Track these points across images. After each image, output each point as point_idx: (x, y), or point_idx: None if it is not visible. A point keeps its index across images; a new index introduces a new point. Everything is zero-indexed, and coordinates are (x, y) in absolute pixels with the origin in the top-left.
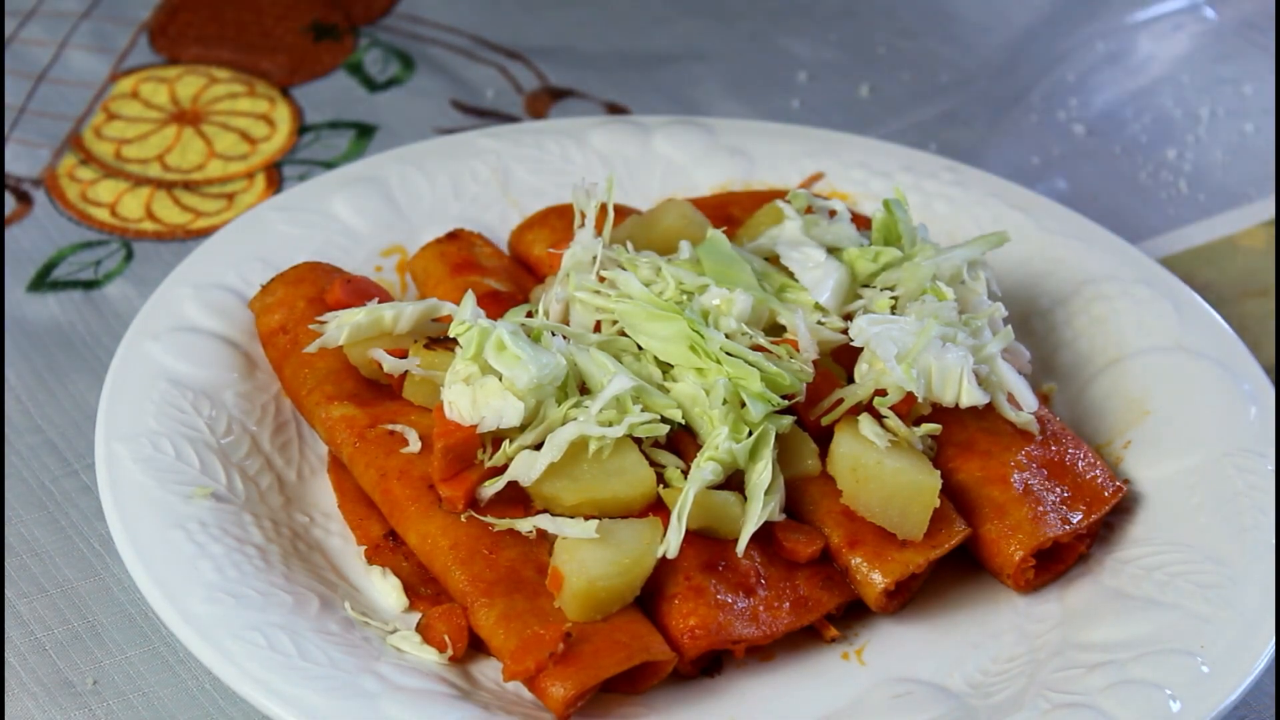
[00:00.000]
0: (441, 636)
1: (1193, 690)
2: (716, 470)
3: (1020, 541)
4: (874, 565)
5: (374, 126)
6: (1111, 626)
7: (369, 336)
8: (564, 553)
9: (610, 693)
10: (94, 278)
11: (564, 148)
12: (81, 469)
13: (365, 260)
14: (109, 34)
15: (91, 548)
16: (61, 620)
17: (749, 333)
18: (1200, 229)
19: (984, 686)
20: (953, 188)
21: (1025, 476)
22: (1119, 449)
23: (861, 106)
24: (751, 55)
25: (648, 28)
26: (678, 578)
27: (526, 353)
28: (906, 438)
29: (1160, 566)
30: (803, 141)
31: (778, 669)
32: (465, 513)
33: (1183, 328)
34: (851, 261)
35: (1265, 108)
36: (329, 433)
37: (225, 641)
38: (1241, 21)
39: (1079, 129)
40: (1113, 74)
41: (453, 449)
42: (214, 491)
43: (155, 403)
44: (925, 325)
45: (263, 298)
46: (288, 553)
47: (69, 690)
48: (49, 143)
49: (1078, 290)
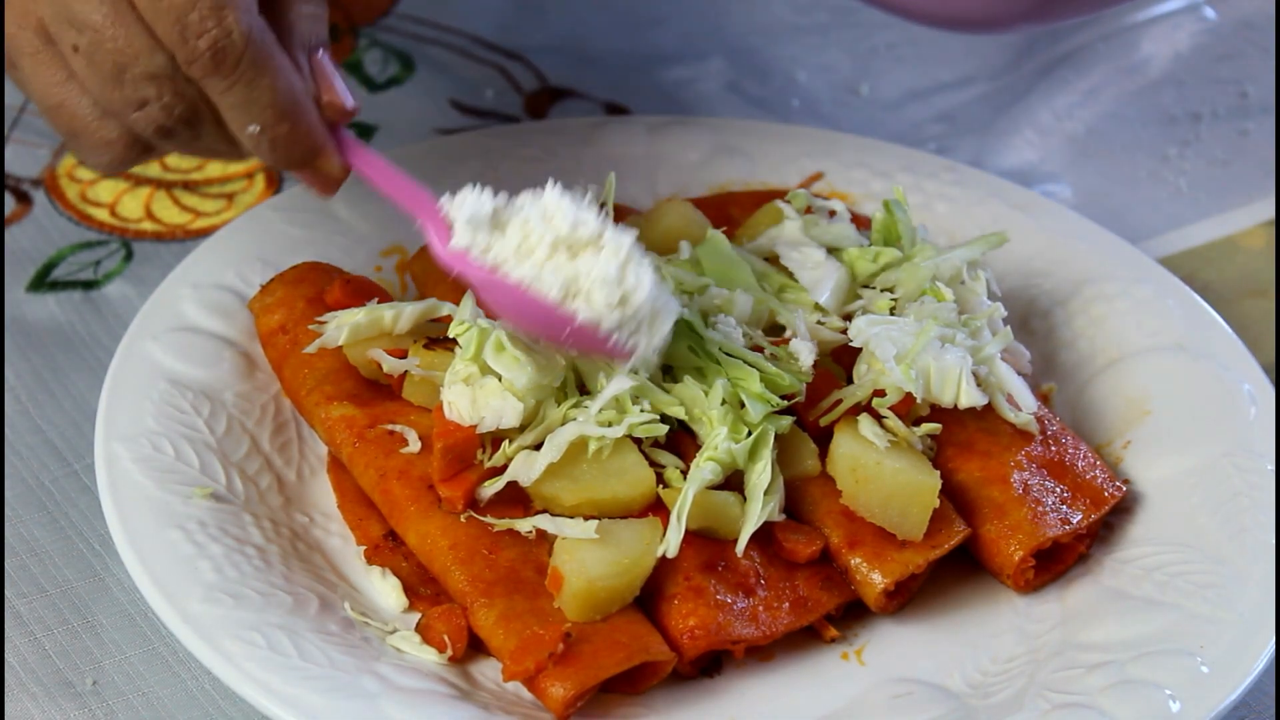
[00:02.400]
0: (441, 637)
1: (1192, 690)
2: (716, 470)
3: (1020, 541)
4: (874, 565)
5: (374, 126)
6: (1111, 626)
7: (369, 336)
8: (564, 553)
9: (610, 693)
10: (94, 278)
11: (564, 148)
12: (81, 469)
13: (365, 260)
14: None
15: (91, 548)
16: (61, 620)
17: (749, 333)
18: (1200, 229)
19: (984, 686)
20: (953, 188)
21: (1025, 477)
22: (1119, 449)
23: (861, 106)
24: (751, 55)
25: (648, 28)
26: (677, 578)
27: (525, 354)
28: (906, 438)
29: (1160, 566)
30: (803, 141)
31: (777, 669)
32: (465, 513)
33: (1183, 328)
34: (851, 262)
35: (1265, 108)
36: (328, 433)
37: (225, 642)
38: (1241, 21)
39: (1079, 129)
40: (1113, 74)
41: (452, 449)
42: (213, 492)
43: (155, 403)
44: (924, 326)
45: (262, 298)
46: (287, 553)
47: (69, 690)
48: (49, 143)
49: (1078, 290)
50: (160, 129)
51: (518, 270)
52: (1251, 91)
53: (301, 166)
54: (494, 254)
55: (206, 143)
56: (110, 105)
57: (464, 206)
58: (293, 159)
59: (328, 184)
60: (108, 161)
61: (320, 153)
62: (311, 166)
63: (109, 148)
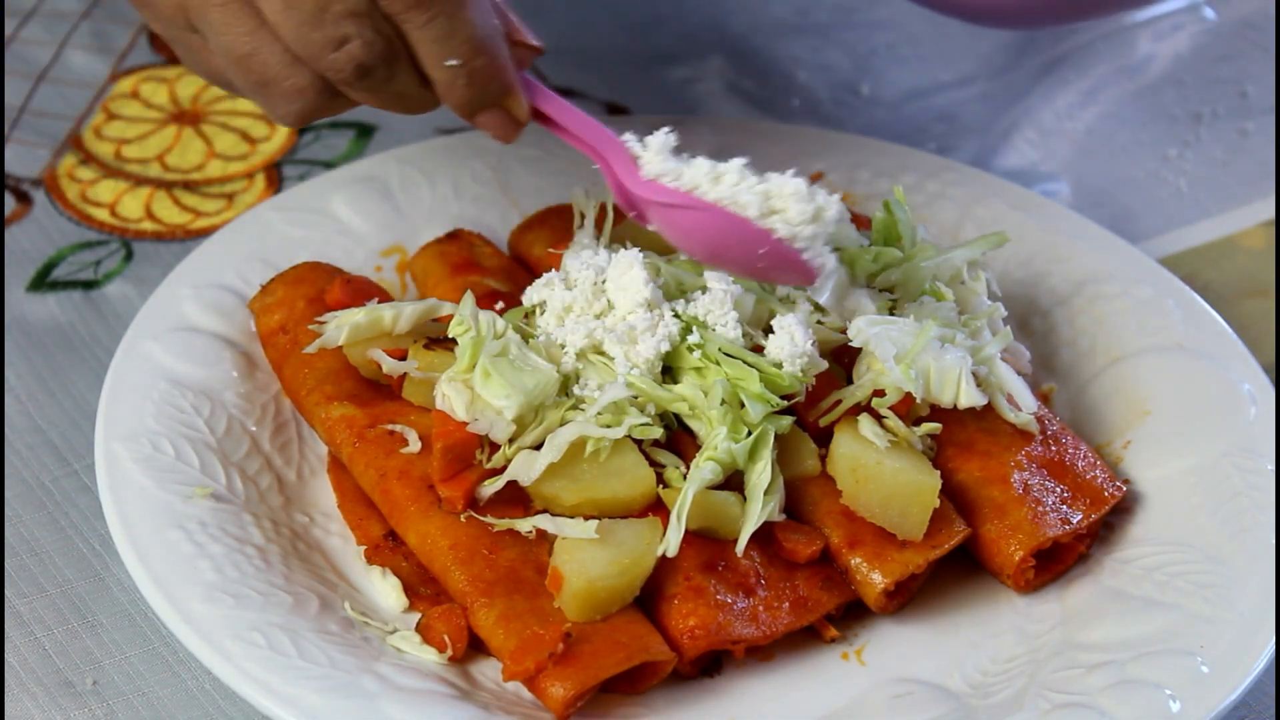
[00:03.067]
0: (441, 637)
1: (1193, 690)
2: (716, 470)
3: (1020, 541)
4: (874, 565)
5: (374, 126)
6: (1111, 626)
7: (368, 337)
8: (564, 553)
9: (610, 693)
10: (94, 278)
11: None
12: (81, 469)
13: (365, 260)
14: (109, 34)
15: (91, 548)
16: (61, 620)
17: (749, 332)
18: (1200, 229)
19: (984, 686)
20: (953, 188)
21: (1025, 476)
22: (1119, 449)
23: (861, 106)
24: (751, 55)
25: (648, 28)
26: (677, 578)
27: (513, 379)
28: (906, 438)
29: (1160, 566)
30: (803, 141)
31: (777, 669)
32: (465, 513)
33: (1183, 328)
34: (851, 261)
35: (1265, 108)
36: (328, 433)
37: (225, 641)
38: (1241, 21)
39: (1079, 129)
40: (1113, 74)
41: (452, 449)
42: (214, 491)
43: (155, 403)
44: (924, 326)
45: (262, 298)
46: (287, 553)
47: (69, 690)
48: (49, 143)
49: (1078, 290)
50: (359, 67)
51: (714, 192)
52: (1251, 91)
53: (493, 105)
54: (686, 180)
55: (399, 84)
56: (307, 48)
57: (653, 138)
58: (487, 95)
59: (511, 128)
60: (299, 109)
61: (511, 90)
62: (502, 106)
63: (300, 95)
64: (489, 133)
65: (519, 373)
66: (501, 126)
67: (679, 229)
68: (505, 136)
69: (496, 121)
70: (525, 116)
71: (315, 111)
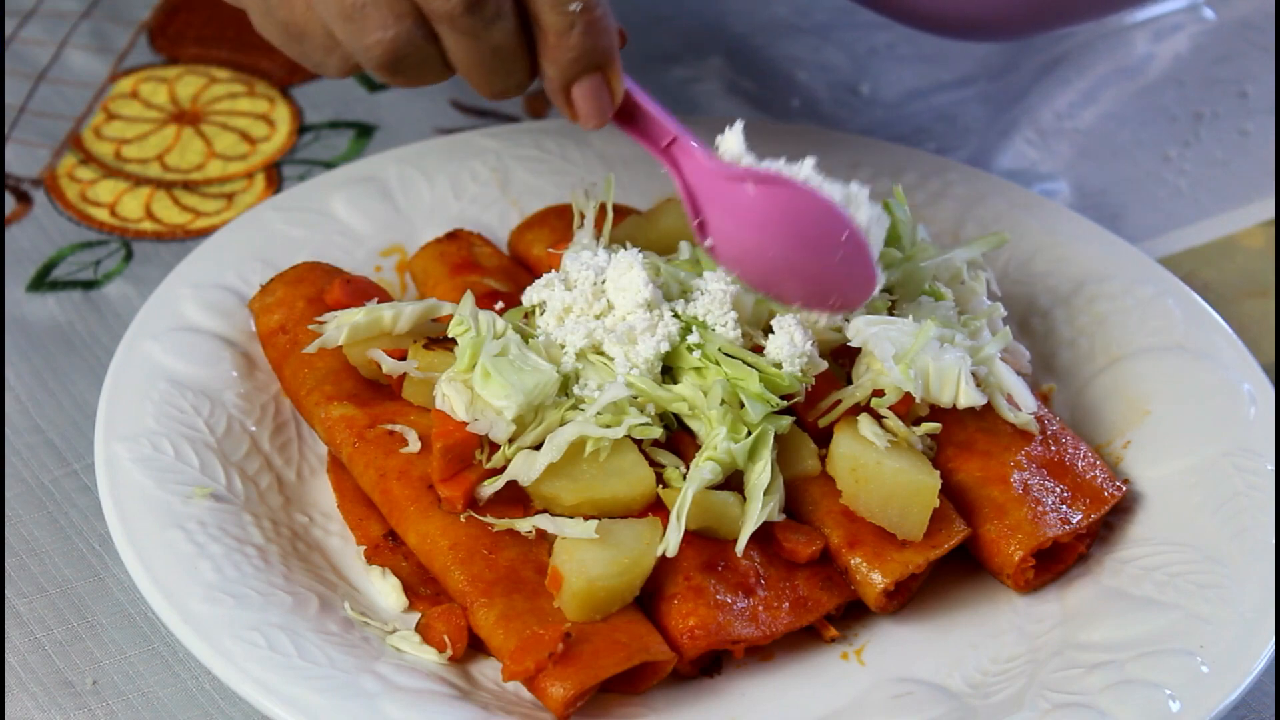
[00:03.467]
0: (441, 636)
1: (1192, 690)
2: (715, 470)
3: (1020, 541)
4: (874, 565)
5: (374, 126)
6: (1111, 626)
7: (368, 337)
8: (563, 553)
9: (610, 693)
10: (94, 278)
11: (564, 148)
12: (81, 469)
13: (365, 260)
14: (109, 34)
15: (91, 548)
16: (61, 620)
17: (749, 332)
18: (1200, 229)
19: (984, 686)
20: (953, 187)
21: (1025, 476)
22: (1119, 449)
23: (861, 106)
24: (751, 55)
25: (648, 28)
26: (677, 578)
27: (513, 379)
28: (906, 438)
29: (1160, 566)
30: (803, 141)
31: (777, 669)
32: (464, 513)
33: (1183, 328)
34: None
35: (1265, 108)
36: (328, 433)
37: (225, 641)
38: (1241, 21)
39: (1079, 129)
40: (1113, 74)
41: (452, 449)
42: (213, 491)
43: (155, 403)
44: (923, 326)
45: (262, 298)
46: (287, 553)
47: (69, 690)
48: (49, 143)
49: (1078, 290)
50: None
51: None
52: (1251, 91)
53: (600, 67)
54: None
55: (499, 30)
56: None
57: (728, 134)
58: (597, 53)
59: (606, 105)
60: (391, 37)
61: (614, 57)
62: (605, 73)
63: (398, 21)
64: (578, 111)
65: (519, 373)
66: (596, 100)
67: (758, 214)
68: (596, 115)
69: (592, 93)
70: (621, 94)
71: (404, 45)
